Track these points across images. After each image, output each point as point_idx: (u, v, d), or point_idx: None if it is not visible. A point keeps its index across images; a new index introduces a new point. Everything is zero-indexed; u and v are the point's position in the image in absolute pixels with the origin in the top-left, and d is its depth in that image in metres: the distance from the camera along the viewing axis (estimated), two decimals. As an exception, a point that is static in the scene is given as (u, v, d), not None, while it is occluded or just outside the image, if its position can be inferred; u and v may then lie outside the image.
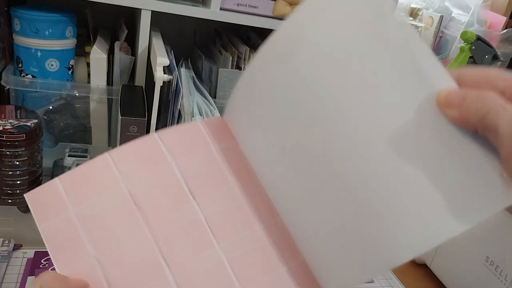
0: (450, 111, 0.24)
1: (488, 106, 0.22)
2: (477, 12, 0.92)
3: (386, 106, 0.26)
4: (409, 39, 0.25)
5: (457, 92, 0.24)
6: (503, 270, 0.58)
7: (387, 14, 0.26)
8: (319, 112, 0.27)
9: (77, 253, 0.28)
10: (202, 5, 0.79)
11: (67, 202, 0.29)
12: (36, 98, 0.75)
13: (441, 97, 0.24)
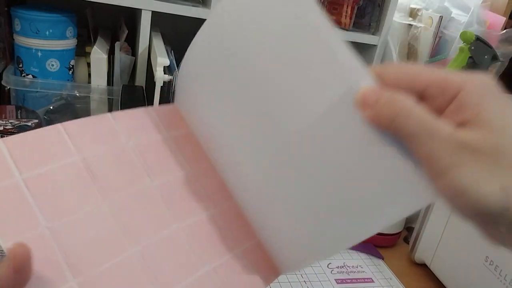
0: (365, 111, 0.24)
1: (398, 108, 0.23)
2: (476, 12, 0.93)
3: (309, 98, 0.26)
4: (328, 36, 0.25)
5: (372, 92, 0.24)
6: (502, 270, 0.58)
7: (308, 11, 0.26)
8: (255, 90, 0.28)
9: (26, 221, 0.26)
10: (202, 5, 0.79)
11: (12, 166, 0.27)
12: (36, 98, 0.75)
13: (358, 95, 0.24)
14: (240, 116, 0.29)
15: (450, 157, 0.21)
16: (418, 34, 0.94)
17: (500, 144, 0.21)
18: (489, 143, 0.21)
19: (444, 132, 0.22)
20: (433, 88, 0.24)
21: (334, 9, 0.89)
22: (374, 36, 0.89)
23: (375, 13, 0.90)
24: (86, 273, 0.26)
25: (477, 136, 0.22)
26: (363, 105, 0.24)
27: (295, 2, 0.26)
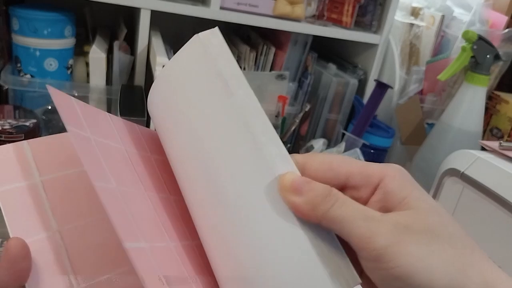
0: (295, 198, 0.23)
1: (333, 200, 0.23)
2: (478, 11, 0.92)
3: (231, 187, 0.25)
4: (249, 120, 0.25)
5: (303, 180, 0.24)
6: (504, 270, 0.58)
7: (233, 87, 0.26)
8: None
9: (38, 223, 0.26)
10: (202, 4, 0.79)
11: (33, 167, 0.28)
12: (34, 98, 0.75)
13: (286, 183, 0.24)
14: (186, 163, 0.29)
15: (387, 236, 0.22)
16: (420, 33, 0.93)
17: (429, 223, 0.23)
18: (420, 222, 0.23)
19: (377, 214, 0.23)
20: (356, 178, 0.25)
21: (335, 8, 0.89)
22: (376, 35, 0.89)
23: (376, 12, 0.89)
24: (89, 281, 0.26)
25: (408, 217, 0.23)
26: (293, 191, 0.23)
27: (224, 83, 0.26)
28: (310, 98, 0.91)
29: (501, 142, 0.65)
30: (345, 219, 0.23)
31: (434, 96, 0.95)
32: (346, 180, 0.26)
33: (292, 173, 0.24)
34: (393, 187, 0.24)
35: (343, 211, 0.23)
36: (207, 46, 0.28)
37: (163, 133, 0.31)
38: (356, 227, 0.23)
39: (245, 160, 0.25)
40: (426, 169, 0.85)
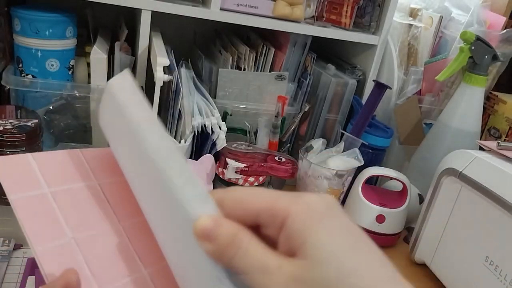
0: (206, 245, 0.24)
1: (235, 248, 0.23)
2: (476, 12, 0.92)
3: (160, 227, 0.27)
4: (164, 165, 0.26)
5: (212, 225, 0.24)
6: (502, 270, 0.58)
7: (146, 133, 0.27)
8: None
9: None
10: (202, 5, 0.79)
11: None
12: (36, 98, 0.75)
13: (198, 229, 0.24)
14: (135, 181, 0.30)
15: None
16: (418, 34, 0.94)
17: (324, 276, 0.22)
18: (314, 274, 0.22)
19: (273, 267, 0.23)
20: (263, 216, 0.25)
21: (334, 9, 0.89)
22: (374, 36, 0.89)
23: (375, 13, 0.90)
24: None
25: (303, 267, 0.22)
26: (204, 238, 0.24)
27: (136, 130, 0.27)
28: (309, 99, 0.91)
29: (499, 142, 0.65)
30: (244, 271, 0.23)
31: (432, 97, 0.96)
32: (256, 218, 0.25)
33: (204, 218, 0.24)
34: (294, 230, 0.23)
35: (242, 262, 0.23)
36: (118, 93, 0.29)
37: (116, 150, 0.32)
38: (253, 279, 0.23)
39: (167, 203, 0.26)
40: (424, 169, 0.85)
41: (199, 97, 0.78)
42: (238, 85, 0.84)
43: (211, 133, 0.71)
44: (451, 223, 0.68)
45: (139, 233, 0.31)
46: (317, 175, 0.75)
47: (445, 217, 0.68)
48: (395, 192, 0.83)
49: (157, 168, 0.26)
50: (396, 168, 0.83)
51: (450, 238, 0.68)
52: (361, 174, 0.80)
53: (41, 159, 0.30)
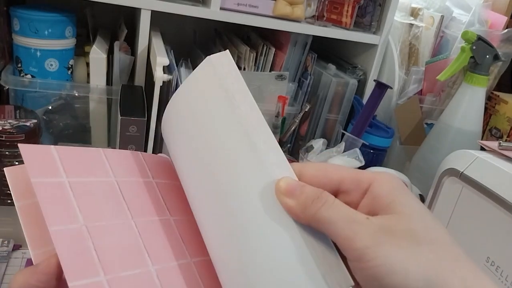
0: (289, 201, 0.25)
1: (323, 201, 0.25)
2: (478, 12, 0.92)
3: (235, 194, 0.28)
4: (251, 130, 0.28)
5: (297, 184, 0.26)
6: (504, 270, 0.58)
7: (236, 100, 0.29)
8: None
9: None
10: (202, 4, 0.79)
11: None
12: (35, 98, 0.75)
13: (282, 186, 0.26)
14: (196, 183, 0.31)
15: (369, 237, 0.23)
16: (419, 33, 0.93)
17: (412, 227, 0.24)
18: (402, 226, 0.24)
19: (362, 218, 0.24)
20: (347, 183, 0.27)
21: (334, 9, 0.89)
22: (375, 35, 0.89)
23: (376, 13, 0.89)
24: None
25: (391, 220, 0.24)
26: (287, 194, 0.26)
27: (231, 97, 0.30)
28: (309, 98, 0.91)
29: (501, 142, 0.65)
30: (331, 220, 0.24)
31: (433, 96, 0.95)
32: (339, 185, 0.27)
33: (287, 178, 0.26)
34: (381, 192, 0.26)
35: (329, 213, 0.24)
36: (217, 66, 0.31)
37: (175, 149, 0.33)
38: (341, 228, 0.24)
39: (248, 167, 0.27)
40: (426, 169, 0.85)
41: (199, 97, 0.78)
42: (238, 85, 0.84)
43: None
44: (452, 223, 0.67)
45: (151, 230, 0.31)
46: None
47: (446, 217, 0.68)
48: (396, 193, 0.82)
49: (245, 132, 0.28)
50: (397, 168, 0.83)
51: (451, 239, 0.68)
52: (362, 175, 0.80)
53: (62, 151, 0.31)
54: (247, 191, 0.27)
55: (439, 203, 0.70)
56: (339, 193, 0.27)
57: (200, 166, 0.30)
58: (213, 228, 0.29)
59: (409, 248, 0.23)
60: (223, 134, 0.29)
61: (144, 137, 0.67)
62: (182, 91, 0.33)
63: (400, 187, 0.26)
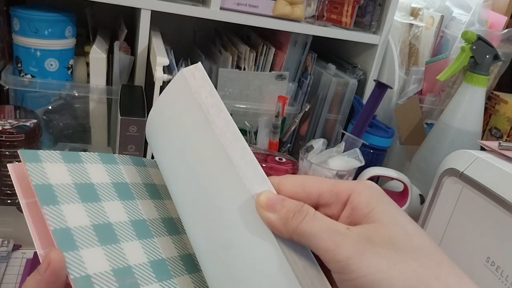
0: (270, 215, 0.25)
1: (303, 215, 0.25)
2: (478, 11, 0.92)
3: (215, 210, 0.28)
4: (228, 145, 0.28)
5: (277, 198, 0.26)
6: (504, 271, 0.58)
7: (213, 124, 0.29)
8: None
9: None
10: (202, 4, 0.79)
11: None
12: (35, 98, 0.75)
13: (262, 200, 0.26)
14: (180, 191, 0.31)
15: (350, 247, 0.23)
16: (419, 33, 0.93)
17: (392, 235, 0.24)
18: (383, 235, 0.24)
19: (343, 229, 0.24)
20: (326, 196, 0.27)
21: (334, 8, 0.89)
22: (375, 35, 0.89)
23: (376, 12, 0.89)
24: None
25: (371, 230, 0.24)
26: (268, 209, 0.26)
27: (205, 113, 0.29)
28: (309, 98, 0.91)
29: (501, 142, 0.65)
30: (313, 233, 0.24)
31: (433, 96, 0.95)
32: (318, 198, 0.27)
33: (267, 192, 0.26)
34: (359, 202, 0.26)
35: (310, 226, 0.25)
36: (190, 80, 0.31)
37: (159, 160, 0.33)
38: (323, 240, 0.24)
39: (226, 183, 0.27)
40: (426, 169, 0.85)
41: (199, 97, 0.78)
42: (238, 85, 0.84)
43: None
44: (452, 223, 0.67)
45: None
46: (318, 175, 0.75)
47: (446, 217, 0.68)
48: (396, 193, 0.82)
49: (221, 148, 0.28)
50: (397, 168, 0.83)
51: (451, 239, 0.68)
52: (362, 175, 0.80)
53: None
54: (228, 207, 0.27)
55: (439, 203, 0.70)
56: (319, 206, 0.27)
57: (182, 181, 0.30)
58: (198, 242, 0.29)
59: (391, 256, 0.23)
60: (201, 150, 0.29)
61: (144, 137, 0.67)
62: (158, 106, 0.33)
63: (379, 195, 0.26)
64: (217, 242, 0.27)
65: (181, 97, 0.31)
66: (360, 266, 0.23)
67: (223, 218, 0.27)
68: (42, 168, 0.29)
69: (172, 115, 0.31)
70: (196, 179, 0.29)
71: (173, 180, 0.31)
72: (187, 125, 0.30)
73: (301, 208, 0.26)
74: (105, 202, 0.29)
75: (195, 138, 0.30)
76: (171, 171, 0.31)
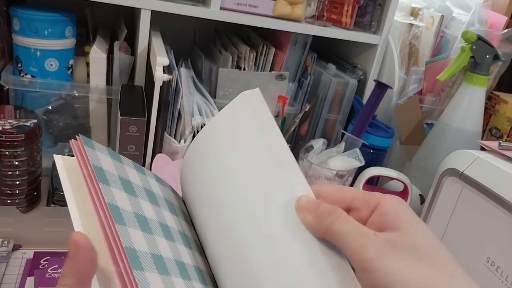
0: (306, 215, 0.29)
1: (336, 216, 0.28)
2: (478, 11, 0.92)
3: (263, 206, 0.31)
4: (280, 153, 0.32)
5: (315, 201, 0.29)
6: (504, 271, 0.58)
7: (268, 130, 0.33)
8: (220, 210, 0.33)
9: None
10: (202, 4, 0.79)
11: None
12: (35, 98, 0.75)
13: (302, 202, 0.29)
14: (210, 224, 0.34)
15: (375, 250, 0.26)
16: (419, 33, 0.93)
17: (415, 244, 0.26)
18: (406, 242, 0.26)
19: (370, 232, 0.27)
20: (358, 201, 0.30)
21: (334, 8, 0.89)
22: (375, 35, 0.89)
23: (376, 12, 0.89)
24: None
25: (396, 236, 0.27)
26: (306, 210, 0.29)
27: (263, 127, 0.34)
28: (309, 98, 0.91)
29: (501, 142, 0.65)
30: (342, 233, 0.27)
31: (433, 96, 0.95)
32: (351, 203, 0.30)
33: (307, 196, 0.30)
34: (387, 210, 0.29)
35: (341, 226, 0.27)
36: (251, 100, 0.36)
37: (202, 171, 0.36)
38: (351, 240, 0.27)
39: (276, 184, 0.31)
40: (426, 169, 0.85)
41: (199, 97, 0.78)
42: (238, 85, 0.84)
43: (211, 133, 0.71)
44: (452, 223, 0.67)
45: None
46: (318, 176, 0.75)
47: (446, 217, 0.68)
48: (396, 193, 0.82)
49: (275, 155, 0.32)
50: (397, 168, 0.83)
51: (451, 239, 0.68)
52: (362, 175, 0.80)
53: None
54: (275, 205, 0.30)
55: (439, 203, 0.70)
56: (350, 211, 0.30)
57: (231, 181, 0.33)
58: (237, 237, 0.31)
59: (410, 261, 0.25)
60: (257, 154, 0.33)
61: (144, 137, 0.67)
62: (220, 119, 0.37)
63: (406, 207, 0.29)
64: (259, 236, 0.30)
65: (243, 113, 0.36)
66: (382, 266, 0.25)
67: (269, 214, 0.30)
68: (96, 154, 0.31)
69: (235, 125, 0.36)
70: (250, 179, 0.32)
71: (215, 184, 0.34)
72: (249, 134, 0.34)
73: (335, 209, 0.29)
74: (140, 200, 0.32)
75: (255, 144, 0.34)
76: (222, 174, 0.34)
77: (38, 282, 0.56)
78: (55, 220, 0.62)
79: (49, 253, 0.61)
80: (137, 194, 0.31)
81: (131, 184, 0.32)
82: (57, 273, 0.58)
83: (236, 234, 0.31)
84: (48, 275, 0.57)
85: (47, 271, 0.58)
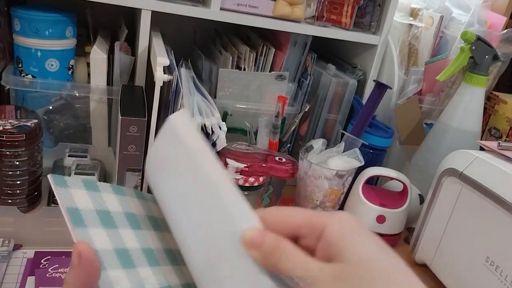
0: (253, 252, 0.27)
1: (280, 253, 0.27)
2: (477, 12, 0.92)
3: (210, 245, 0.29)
4: (216, 190, 0.30)
5: (258, 235, 0.28)
6: (503, 270, 0.58)
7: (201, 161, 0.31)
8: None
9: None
10: (202, 5, 0.79)
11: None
12: (36, 98, 0.75)
13: (246, 237, 0.28)
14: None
15: (322, 286, 0.26)
16: (418, 34, 0.94)
17: (360, 276, 0.26)
18: (352, 275, 0.26)
19: (315, 268, 0.26)
20: (303, 229, 0.29)
21: (334, 9, 0.89)
22: (375, 35, 0.89)
23: (375, 13, 0.90)
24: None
25: (341, 269, 0.26)
26: (251, 246, 0.27)
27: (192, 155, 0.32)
28: (309, 99, 0.91)
29: (500, 142, 0.65)
30: (288, 271, 0.27)
31: (432, 97, 0.96)
32: (296, 231, 0.29)
33: (250, 229, 0.28)
34: (331, 239, 0.28)
35: (286, 264, 0.27)
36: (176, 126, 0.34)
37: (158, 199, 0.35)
38: (297, 279, 0.26)
39: (218, 222, 0.29)
40: (425, 169, 0.85)
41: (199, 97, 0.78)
42: (238, 85, 0.84)
43: (211, 133, 0.71)
44: (452, 223, 0.68)
45: None
46: (318, 175, 0.75)
47: (446, 217, 0.68)
48: (396, 193, 0.83)
49: (211, 190, 0.30)
50: (396, 168, 0.83)
51: (451, 239, 0.68)
52: (362, 174, 0.80)
53: None
54: (221, 244, 0.29)
55: (439, 203, 0.70)
56: (299, 238, 0.29)
57: (179, 220, 0.32)
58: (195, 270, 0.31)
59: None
60: (193, 193, 0.31)
61: (144, 137, 0.68)
62: (152, 152, 0.36)
63: (350, 230, 0.28)
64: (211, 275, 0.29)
65: (170, 143, 0.34)
66: None
67: (217, 254, 0.29)
68: (70, 193, 0.30)
69: (166, 160, 0.34)
70: (192, 219, 0.31)
71: (171, 218, 0.33)
72: (179, 170, 0.33)
73: (279, 244, 0.27)
74: (121, 230, 0.31)
75: (187, 181, 0.32)
76: (169, 209, 0.33)
77: (39, 282, 0.56)
78: (55, 220, 0.62)
79: (49, 252, 0.61)
80: (117, 225, 0.31)
81: (110, 214, 0.31)
82: (57, 273, 0.58)
83: (193, 270, 0.31)
84: (48, 275, 0.57)
85: (47, 271, 0.58)
